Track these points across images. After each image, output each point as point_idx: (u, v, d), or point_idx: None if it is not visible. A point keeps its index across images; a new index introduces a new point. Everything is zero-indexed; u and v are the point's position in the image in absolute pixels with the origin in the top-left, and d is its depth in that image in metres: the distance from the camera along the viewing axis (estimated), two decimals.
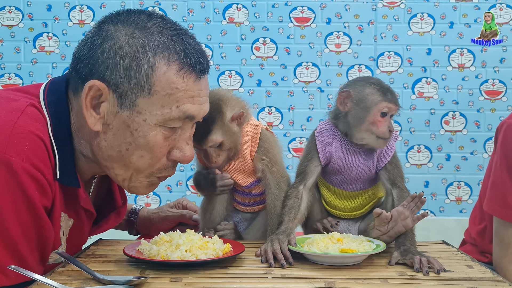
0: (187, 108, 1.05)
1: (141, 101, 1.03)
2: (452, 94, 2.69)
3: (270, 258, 1.08)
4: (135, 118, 1.03)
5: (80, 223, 1.18)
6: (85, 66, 1.04)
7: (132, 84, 1.02)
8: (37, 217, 1.01)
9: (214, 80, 2.70)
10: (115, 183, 1.29)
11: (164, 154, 1.08)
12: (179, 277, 0.98)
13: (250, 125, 1.29)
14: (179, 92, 1.04)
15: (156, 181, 1.13)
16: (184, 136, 1.09)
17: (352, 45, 2.71)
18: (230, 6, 2.71)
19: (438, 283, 0.97)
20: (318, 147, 1.27)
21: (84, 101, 1.03)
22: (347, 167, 1.26)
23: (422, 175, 2.72)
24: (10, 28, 2.72)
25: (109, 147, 1.06)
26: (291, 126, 2.73)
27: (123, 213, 1.36)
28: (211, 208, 1.33)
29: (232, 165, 1.29)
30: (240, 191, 1.33)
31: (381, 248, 1.10)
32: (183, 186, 2.73)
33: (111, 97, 1.03)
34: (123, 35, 1.03)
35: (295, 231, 1.22)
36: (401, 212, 1.15)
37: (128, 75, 1.02)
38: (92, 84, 1.02)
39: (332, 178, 1.30)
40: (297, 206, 1.23)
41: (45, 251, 1.06)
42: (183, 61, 1.04)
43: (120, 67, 1.02)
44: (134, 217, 1.56)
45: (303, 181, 1.26)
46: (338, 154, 1.26)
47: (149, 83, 1.02)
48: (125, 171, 1.09)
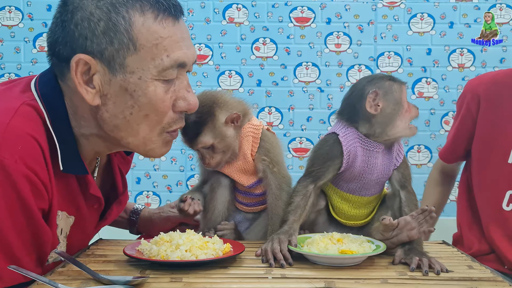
0: (178, 56, 1.04)
1: (130, 60, 1.02)
2: (452, 94, 2.69)
3: (270, 258, 1.08)
4: (130, 79, 1.02)
5: (82, 219, 1.17)
6: (64, 47, 1.02)
7: (116, 46, 1.01)
8: (32, 220, 0.99)
9: (214, 80, 2.70)
10: (117, 172, 1.28)
11: (169, 108, 1.07)
12: (179, 277, 0.98)
13: (251, 125, 1.29)
14: (164, 40, 1.03)
15: (169, 138, 1.12)
16: (183, 85, 1.08)
17: (352, 45, 2.71)
18: (230, 6, 2.71)
19: (438, 283, 0.97)
20: (345, 153, 1.21)
21: (75, 78, 1.02)
22: (368, 170, 1.23)
23: (422, 175, 2.71)
24: (10, 28, 2.72)
25: (113, 116, 1.05)
26: (291, 126, 2.73)
27: (124, 202, 1.34)
28: (212, 208, 1.33)
29: (233, 165, 1.30)
30: (242, 191, 1.34)
31: (381, 249, 1.10)
32: (183, 186, 2.73)
33: (100, 67, 1.02)
34: (89, 1, 1.01)
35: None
36: (409, 222, 1.13)
37: (109, 38, 1.00)
38: (77, 59, 1.01)
39: (349, 185, 1.25)
40: (303, 206, 1.21)
41: (42, 253, 1.05)
42: (157, 7, 1.03)
43: (99, 32, 1.00)
44: (136, 217, 1.56)
45: (315, 182, 1.23)
46: (360, 158, 1.22)
47: (132, 39, 1.01)
48: (135, 136, 1.08)
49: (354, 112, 1.23)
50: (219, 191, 1.33)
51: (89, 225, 1.22)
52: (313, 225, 1.30)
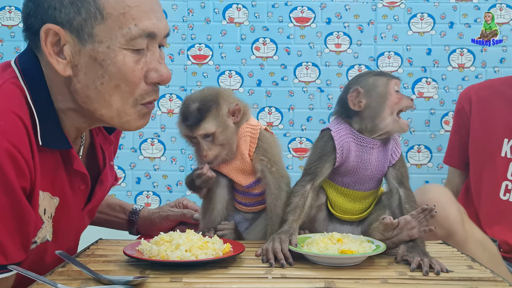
0: (146, 25, 1.04)
1: (98, 30, 1.02)
2: (452, 94, 2.69)
3: (271, 257, 1.08)
4: (98, 48, 1.03)
5: (68, 200, 1.14)
6: (35, 19, 1.04)
7: (83, 16, 1.02)
8: (14, 198, 0.97)
9: (214, 80, 2.69)
10: (99, 150, 1.26)
11: (140, 79, 1.07)
12: (179, 277, 0.98)
13: (249, 125, 1.29)
14: (132, 9, 1.03)
15: (144, 110, 1.11)
16: (154, 56, 1.08)
17: (352, 45, 2.71)
18: (230, 6, 2.70)
19: (438, 283, 0.98)
20: (337, 147, 1.25)
21: (45, 49, 1.03)
22: (362, 165, 1.25)
23: (422, 175, 2.72)
24: (10, 28, 2.72)
25: (85, 87, 1.05)
26: (291, 126, 2.73)
27: (106, 181, 1.30)
28: (211, 208, 1.33)
29: (231, 165, 1.30)
30: (240, 191, 1.34)
31: (381, 249, 1.10)
32: (183, 186, 2.73)
33: (70, 37, 1.03)
34: None
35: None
36: (409, 221, 1.14)
37: (76, 8, 1.01)
38: (46, 28, 1.02)
39: (344, 179, 1.28)
40: (302, 206, 1.23)
41: (26, 235, 1.02)
42: None
43: (66, 2, 1.02)
44: (135, 217, 1.56)
45: (312, 181, 1.25)
46: (354, 153, 1.25)
47: (99, 8, 1.02)
48: (109, 108, 1.07)
49: (345, 108, 1.27)
50: (217, 191, 1.33)
51: (76, 207, 1.19)
52: (314, 221, 1.31)
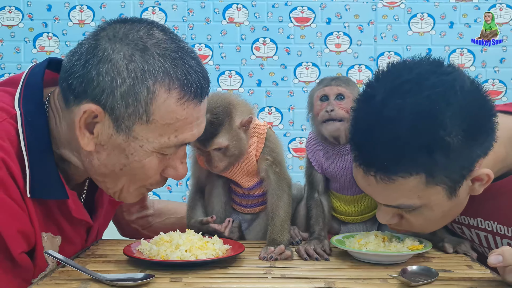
0: (185, 137, 1.03)
1: (138, 128, 0.99)
2: None
3: (313, 253, 1.12)
4: (131, 142, 1.00)
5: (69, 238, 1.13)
6: (78, 83, 0.98)
7: (129, 111, 0.98)
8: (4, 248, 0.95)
9: (214, 80, 2.70)
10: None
11: (157, 174, 1.06)
12: (179, 277, 0.98)
13: (256, 125, 1.28)
14: (178, 121, 1.00)
15: (145, 191, 1.12)
16: (179, 155, 1.07)
17: (352, 45, 2.71)
18: (230, 6, 2.71)
19: (438, 283, 0.97)
20: (310, 158, 1.29)
21: (78, 123, 0.99)
22: (341, 172, 1.26)
23: None
24: (10, 28, 2.72)
25: (103, 165, 1.03)
26: (291, 126, 2.73)
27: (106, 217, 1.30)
28: (210, 210, 1.32)
29: (236, 167, 1.27)
30: (239, 194, 1.32)
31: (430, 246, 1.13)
32: (183, 186, 2.73)
33: (107, 119, 0.99)
34: (121, 58, 0.96)
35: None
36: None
37: (125, 102, 0.97)
38: (87, 109, 0.97)
39: (332, 185, 1.30)
40: (321, 214, 1.26)
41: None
42: (184, 89, 0.99)
43: (118, 93, 0.96)
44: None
45: (315, 189, 1.28)
46: (326, 161, 1.27)
47: (148, 112, 0.98)
48: (116, 185, 1.07)
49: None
50: (214, 192, 1.32)
51: (79, 239, 1.19)
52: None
